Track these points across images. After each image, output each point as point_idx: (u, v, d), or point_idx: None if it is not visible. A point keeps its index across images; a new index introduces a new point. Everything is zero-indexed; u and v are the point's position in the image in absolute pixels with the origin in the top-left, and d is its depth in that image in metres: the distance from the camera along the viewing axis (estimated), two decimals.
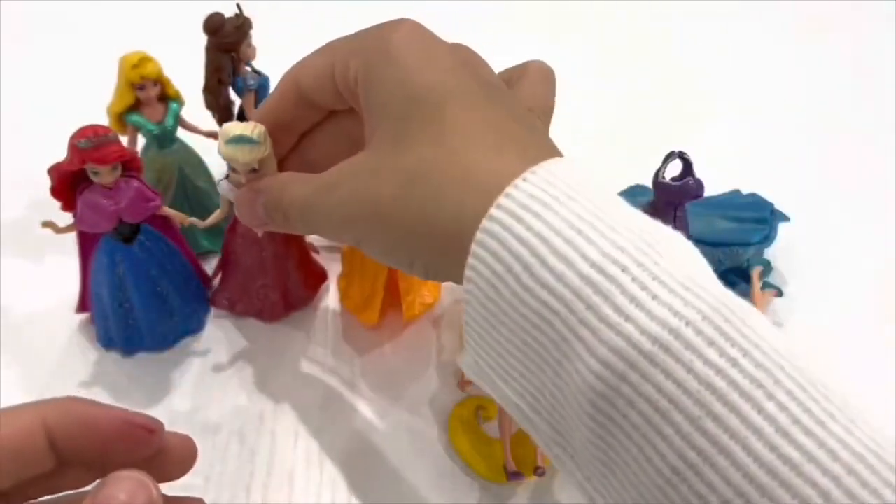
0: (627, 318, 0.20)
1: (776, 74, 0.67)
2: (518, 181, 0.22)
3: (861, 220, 0.53)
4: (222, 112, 0.47)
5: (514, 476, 0.37)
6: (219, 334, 0.45)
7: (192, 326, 0.44)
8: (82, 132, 0.36)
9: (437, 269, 0.25)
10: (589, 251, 0.20)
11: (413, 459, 0.39)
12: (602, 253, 0.20)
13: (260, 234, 0.40)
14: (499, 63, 0.38)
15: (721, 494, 0.19)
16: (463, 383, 0.41)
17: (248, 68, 0.47)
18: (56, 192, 0.38)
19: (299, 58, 0.31)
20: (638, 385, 0.20)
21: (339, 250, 0.47)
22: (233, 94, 0.47)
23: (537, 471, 0.37)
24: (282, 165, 0.33)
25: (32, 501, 0.21)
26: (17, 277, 0.47)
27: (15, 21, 0.70)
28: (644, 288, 0.20)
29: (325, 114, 0.31)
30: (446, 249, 0.24)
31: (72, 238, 0.41)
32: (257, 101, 0.48)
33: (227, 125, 0.34)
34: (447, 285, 0.47)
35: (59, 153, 0.37)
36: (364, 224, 0.26)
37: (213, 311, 0.46)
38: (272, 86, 0.48)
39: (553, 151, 0.24)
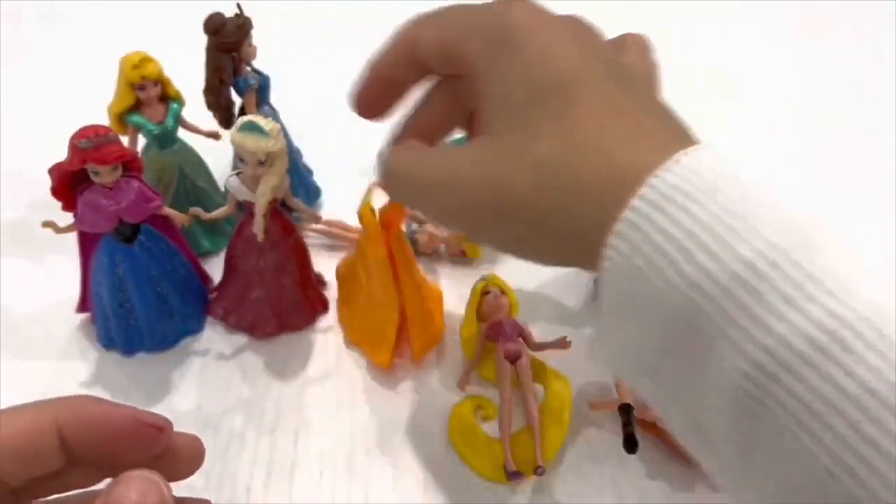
0: (780, 318, 0.19)
1: (776, 74, 0.67)
2: (660, 171, 0.21)
3: (861, 220, 0.53)
4: (223, 112, 0.47)
5: (513, 476, 0.37)
6: (219, 334, 0.45)
7: (193, 326, 0.44)
8: (83, 132, 0.36)
9: (566, 259, 0.24)
10: (739, 247, 0.20)
11: (413, 459, 0.39)
12: (753, 249, 0.20)
13: (260, 238, 0.40)
14: None
15: (879, 497, 0.18)
16: (463, 383, 0.41)
17: (249, 68, 0.47)
18: (56, 192, 0.38)
19: (299, 58, 0.31)
20: (790, 386, 0.19)
21: (345, 250, 0.47)
22: (234, 94, 0.47)
23: (537, 470, 0.37)
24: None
25: (40, 500, 0.21)
26: (17, 277, 0.47)
27: (15, 21, 0.70)
28: (798, 287, 0.19)
29: (427, 76, 0.30)
30: (580, 240, 0.23)
31: (72, 238, 0.41)
32: (258, 102, 0.48)
33: (244, 117, 0.36)
34: (447, 298, 0.47)
35: (60, 153, 0.37)
36: (490, 213, 0.25)
37: None
38: (272, 86, 0.48)
39: (690, 138, 0.24)
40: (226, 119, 0.47)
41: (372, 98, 0.30)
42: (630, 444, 0.37)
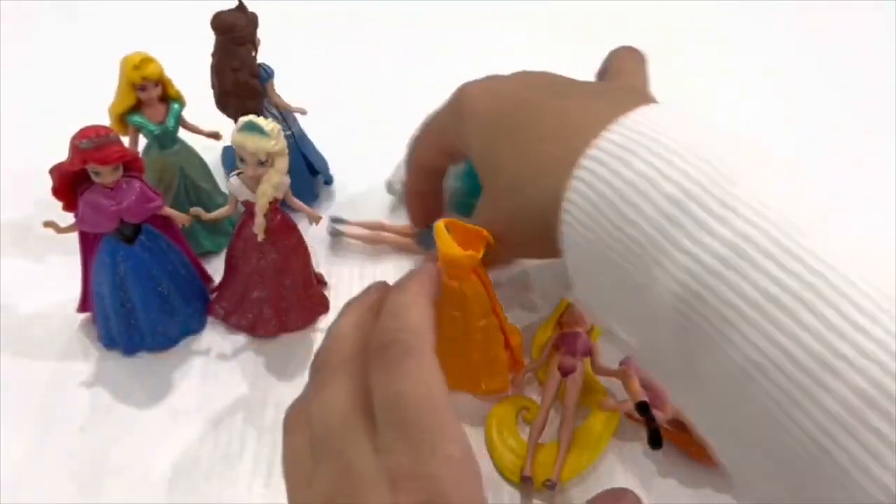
0: (697, 243, 0.23)
1: (776, 75, 0.67)
2: (604, 133, 0.27)
3: (861, 219, 0.53)
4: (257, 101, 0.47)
5: (524, 480, 0.37)
6: (220, 334, 0.45)
7: (194, 326, 0.44)
8: (84, 132, 0.36)
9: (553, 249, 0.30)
10: (665, 187, 0.24)
11: None
12: (678, 187, 0.24)
13: (260, 238, 0.40)
14: (496, 63, 0.38)
15: (792, 396, 0.21)
16: (517, 380, 0.40)
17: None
18: (57, 192, 0.38)
19: (299, 58, 0.31)
20: (707, 300, 0.22)
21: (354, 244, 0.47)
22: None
23: (546, 482, 0.36)
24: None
25: None
26: (18, 277, 0.47)
27: (16, 20, 0.70)
28: (712, 214, 0.23)
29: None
30: (550, 226, 0.29)
31: (73, 238, 0.41)
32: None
33: (244, 117, 0.36)
34: None
35: (61, 153, 0.37)
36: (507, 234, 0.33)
37: None
38: (274, 79, 0.48)
39: (638, 101, 0.28)
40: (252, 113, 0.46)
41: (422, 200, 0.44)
42: (655, 440, 0.36)
